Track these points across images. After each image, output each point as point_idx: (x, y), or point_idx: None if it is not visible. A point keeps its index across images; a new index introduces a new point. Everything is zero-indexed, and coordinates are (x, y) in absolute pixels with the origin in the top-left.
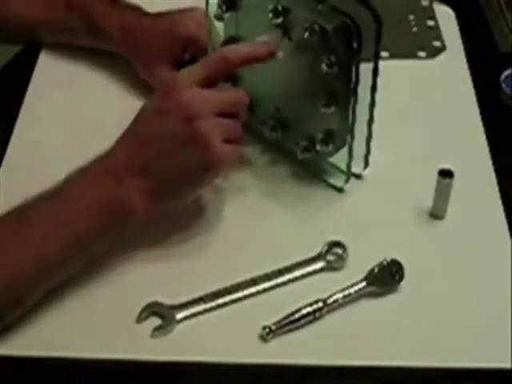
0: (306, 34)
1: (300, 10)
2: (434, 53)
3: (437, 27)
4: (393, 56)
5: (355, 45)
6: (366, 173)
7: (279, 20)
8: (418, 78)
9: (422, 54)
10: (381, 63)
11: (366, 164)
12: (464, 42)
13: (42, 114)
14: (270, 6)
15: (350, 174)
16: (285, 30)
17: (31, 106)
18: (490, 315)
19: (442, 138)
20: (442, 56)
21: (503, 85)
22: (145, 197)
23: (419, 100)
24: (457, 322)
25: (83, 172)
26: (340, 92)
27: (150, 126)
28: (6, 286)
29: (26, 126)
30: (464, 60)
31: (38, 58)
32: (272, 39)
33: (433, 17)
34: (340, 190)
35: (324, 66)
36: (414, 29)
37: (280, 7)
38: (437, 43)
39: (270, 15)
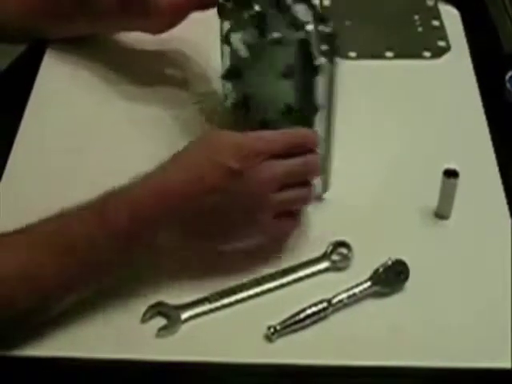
0: (271, 42)
1: (272, 18)
2: (438, 53)
3: (442, 27)
4: (397, 56)
5: (311, 59)
6: (370, 172)
7: (256, 23)
8: (423, 78)
9: (426, 54)
10: (385, 63)
11: (325, 188)
12: (469, 42)
13: (47, 114)
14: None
15: (326, 183)
16: (261, 32)
17: (36, 107)
18: (491, 315)
19: (446, 137)
20: (446, 56)
21: (508, 85)
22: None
23: (424, 100)
24: (459, 322)
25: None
26: (296, 104)
27: (217, 179)
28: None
29: (30, 127)
30: (469, 60)
31: (42, 58)
32: None
33: (438, 17)
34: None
35: (283, 77)
36: (419, 29)
37: (257, 9)
38: (442, 43)
39: (246, 15)
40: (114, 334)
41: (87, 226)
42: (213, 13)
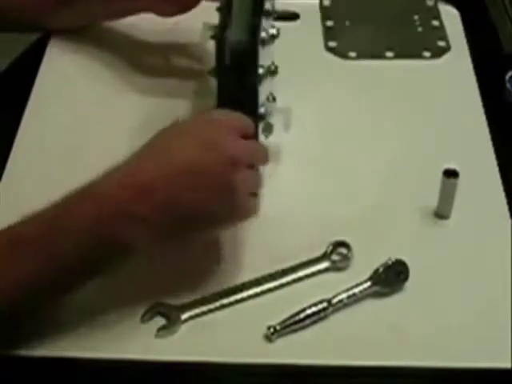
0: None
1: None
2: (438, 53)
3: (442, 27)
4: (397, 56)
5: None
6: (370, 172)
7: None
8: (423, 78)
9: (426, 54)
10: (385, 63)
11: None
12: (469, 42)
13: (47, 114)
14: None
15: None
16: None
17: (36, 106)
18: (491, 315)
19: (446, 137)
20: (446, 56)
21: (508, 85)
22: (153, 236)
23: (424, 100)
24: (459, 322)
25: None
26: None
27: (189, 154)
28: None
29: (30, 126)
30: (469, 60)
31: (42, 58)
32: None
33: (438, 17)
34: None
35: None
36: (419, 29)
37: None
38: (441, 43)
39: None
40: (114, 333)
41: (58, 221)
42: None
